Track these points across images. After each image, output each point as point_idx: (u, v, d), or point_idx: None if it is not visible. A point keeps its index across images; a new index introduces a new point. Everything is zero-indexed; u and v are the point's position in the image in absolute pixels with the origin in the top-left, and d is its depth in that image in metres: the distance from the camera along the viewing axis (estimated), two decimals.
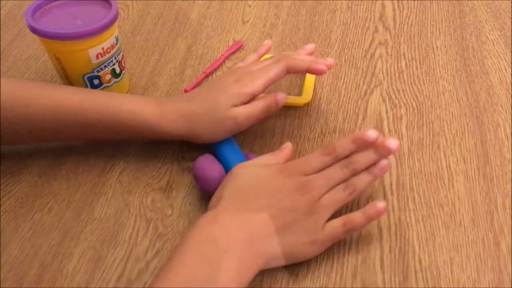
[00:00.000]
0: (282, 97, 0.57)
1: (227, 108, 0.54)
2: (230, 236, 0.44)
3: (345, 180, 0.49)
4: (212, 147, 0.57)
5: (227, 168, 0.54)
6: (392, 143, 0.49)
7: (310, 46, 0.64)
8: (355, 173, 0.49)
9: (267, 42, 0.65)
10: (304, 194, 0.48)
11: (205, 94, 0.56)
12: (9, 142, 0.57)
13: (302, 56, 0.60)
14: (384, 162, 0.49)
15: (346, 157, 0.50)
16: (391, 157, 0.54)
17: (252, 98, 0.56)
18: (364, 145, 0.49)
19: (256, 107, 0.56)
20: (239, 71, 0.58)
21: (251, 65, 0.59)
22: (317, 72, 0.57)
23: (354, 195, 0.49)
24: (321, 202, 0.48)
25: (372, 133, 0.49)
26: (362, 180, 0.49)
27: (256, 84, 0.56)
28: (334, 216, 0.48)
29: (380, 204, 0.48)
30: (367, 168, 0.49)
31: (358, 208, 0.53)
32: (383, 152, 0.49)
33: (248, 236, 0.45)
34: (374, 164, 0.49)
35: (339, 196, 0.48)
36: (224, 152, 0.56)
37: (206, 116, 0.55)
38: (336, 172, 0.49)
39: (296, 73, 0.59)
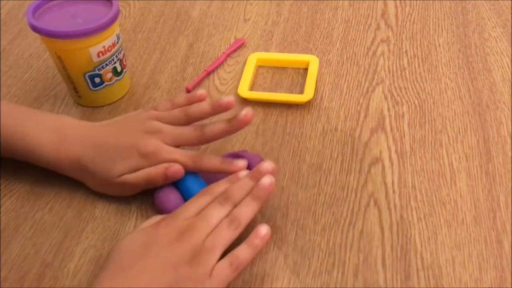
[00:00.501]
0: (175, 170, 0.51)
1: (117, 176, 0.52)
2: None
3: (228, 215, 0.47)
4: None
5: (186, 196, 0.52)
6: (267, 167, 0.48)
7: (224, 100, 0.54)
8: (236, 204, 0.47)
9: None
10: (185, 241, 0.44)
11: (106, 151, 0.53)
12: None
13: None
14: (265, 181, 0.47)
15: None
16: (271, 170, 0.49)
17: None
18: (236, 177, 0.50)
19: (140, 176, 0.52)
20: (148, 143, 0.53)
21: (165, 117, 0.55)
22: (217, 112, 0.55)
23: (241, 228, 0.46)
24: (206, 246, 0.44)
25: (240, 163, 0.51)
26: (246, 209, 0.46)
27: (158, 169, 0.52)
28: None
29: (263, 230, 0.46)
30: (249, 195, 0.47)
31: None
32: (258, 176, 0.47)
33: None
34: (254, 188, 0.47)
35: (224, 234, 0.45)
36: (183, 180, 0.53)
37: (97, 176, 0.53)
38: (215, 208, 0.47)
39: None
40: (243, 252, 0.45)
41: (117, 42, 0.62)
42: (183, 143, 0.54)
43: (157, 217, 0.48)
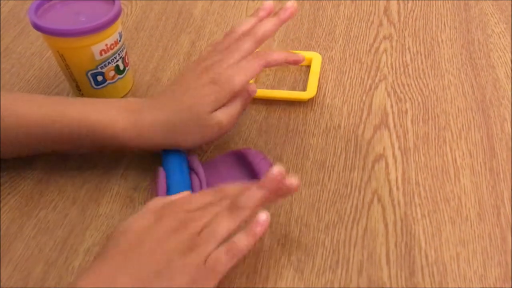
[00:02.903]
0: (254, 88, 0.55)
1: (208, 116, 0.52)
2: None
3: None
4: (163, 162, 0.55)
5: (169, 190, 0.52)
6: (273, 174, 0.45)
7: (268, 4, 0.58)
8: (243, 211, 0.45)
9: (269, 3, 0.59)
10: (182, 232, 0.43)
11: (179, 100, 0.53)
12: None
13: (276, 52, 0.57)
14: (262, 217, 0.44)
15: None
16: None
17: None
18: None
19: (235, 108, 0.54)
20: (214, 66, 0.54)
21: (227, 54, 0.54)
22: (294, 63, 0.58)
23: (241, 219, 0.44)
24: (202, 235, 0.43)
25: (277, 169, 0.45)
26: (249, 197, 0.44)
27: (234, 86, 0.53)
28: None
29: (262, 217, 0.44)
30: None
31: None
32: (267, 185, 0.45)
33: None
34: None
35: (221, 224, 0.44)
36: (169, 174, 0.54)
37: (186, 126, 0.53)
38: (219, 206, 0.46)
39: (274, 66, 0.58)
40: (240, 239, 0.44)
41: (120, 40, 0.62)
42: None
43: (161, 200, 0.48)
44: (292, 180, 0.46)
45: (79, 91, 0.64)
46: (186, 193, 0.50)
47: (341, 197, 0.54)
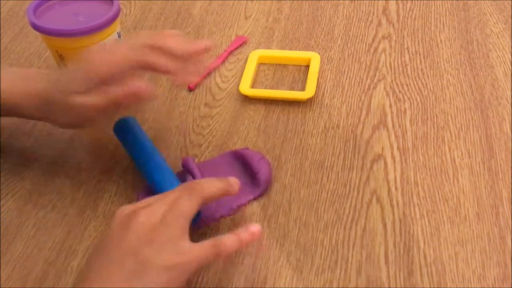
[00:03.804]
0: (137, 87, 0.49)
1: (71, 95, 0.49)
2: None
3: None
4: (141, 169, 0.55)
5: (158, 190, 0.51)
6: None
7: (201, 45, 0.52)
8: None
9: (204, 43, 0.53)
10: (137, 221, 0.42)
11: (65, 73, 0.52)
12: None
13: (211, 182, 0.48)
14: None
15: None
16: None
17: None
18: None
19: (96, 99, 0.49)
20: (94, 53, 0.51)
21: (111, 50, 0.51)
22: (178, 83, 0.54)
23: (202, 196, 0.44)
24: (166, 219, 0.42)
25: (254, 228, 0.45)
26: (207, 183, 0.45)
27: (102, 75, 0.49)
28: None
29: (255, 228, 0.44)
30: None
31: None
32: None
33: None
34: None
35: (183, 203, 0.43)
36: (153, 174, 0.53)
37: (58, 99, 0.50)
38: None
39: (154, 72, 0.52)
40: (228, 238, 0.43)
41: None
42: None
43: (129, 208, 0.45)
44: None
45: None
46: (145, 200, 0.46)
47: (340, 197, 0.54)
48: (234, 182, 0.47)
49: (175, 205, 0.43)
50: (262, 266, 0.49)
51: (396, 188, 0.54)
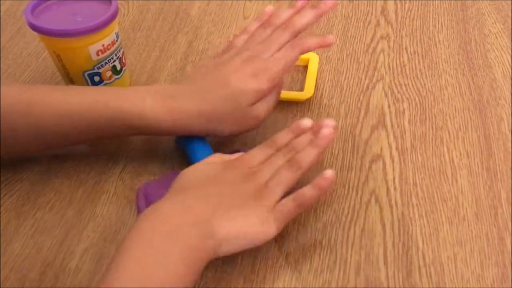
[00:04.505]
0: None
1: (249, 108, 0.53)
2: (171, 224, 0.43)
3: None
4: (182, 145, 0.57)
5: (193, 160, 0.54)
6: (328, 123, 0.50)
7: (301, 2, 0.59)
8: None
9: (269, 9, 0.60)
10: (249, 182, 0.47)
11: (221, 90, 0.53)
12: (13, 151, 0.55)
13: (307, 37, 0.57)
14: (325, 131, 0.49)
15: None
16: (331, 126, 0.50)
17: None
18: (301, 132, 0.51)
19: (272, 100, 0.55)
20: (254, 58, 0.54)
21: (266, 46, 0.56)
22: (328, 46, 0.58)
23: (301, 171, 0.48)
24: (268, 185, 0.47)
25: (307, 121, 0.51)
26: (306, 154, 0.48)
27: (274, 79, 0.54)
28: None
29: (328, 172, 0.47)
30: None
31: None
32: (319, 130, 0.50)
33: (191, 221, 0.43)
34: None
35: (285, 175, 0.48)
36: (195, 150, 0.55)
37: (228, 115, 0.53)
38: (279, 158, 0.49)
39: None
40: (308, 191, 0.47)
41: (116, 40, 0.62)
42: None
43: (221, 156, 0.51)
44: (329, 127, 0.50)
45: None
46: (241, 153, 0.52)
47: (339, 197, 0.54)
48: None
49: (278, 174, 0.48)
50: (261, 267, 0.49)
51: (395, 188, 0.54)
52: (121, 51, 0.64)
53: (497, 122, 0.61)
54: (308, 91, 0.64)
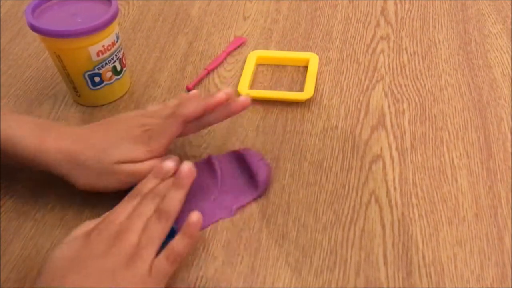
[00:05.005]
0: (168, 168, 0.50)
1: (112, 163, 0.50)
2: None
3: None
4: None
5: None
6: (185, 167, 0.48)
7: (219, 96, 0.53)
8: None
9: (222, 94, 0.53)
10: (119, 246, 0.44)
11: (98, 140, 0.51)
12: None
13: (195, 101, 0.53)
14: (184, 167, 0.48)
15: None
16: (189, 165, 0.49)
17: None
18: (164, 176, 0.49)
19: (140, 168, 0.51)
20: (141, 126, 0.53)
21: (153, 115, 0.54)
22: (215, 105, 0.53)
23: (171, 219, 0.46)
24: (140, 245, 0.44)
25: (169, 163, 0.50)
26: (171, 199, 0.47)
27: (151, 146, 0.51)
28: None
29: (193, 217, 0.45)
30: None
31: None
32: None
33: None
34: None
35: (155, 229, 0.45)
36: None
37: (88, 164, 0.50)
38: (147, 206, 0.47)
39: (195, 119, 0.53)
40: (177, 243, 0.45)
41: (117, 41, 0.62)
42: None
43: (89, 224, 0.47)
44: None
45: (76, 92, 0.64)
46: (106, 214, 0.48)
47: (339, 197, 0.54)
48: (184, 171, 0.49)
49: (148, 230, 0.45)
50: (261, 267, 0.49)
51: (394, 189, 0.54)
52: (122, 52, 0.64)
53: (497, 122, 0.61)
54: (308, 92, 0.64)
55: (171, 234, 0.46)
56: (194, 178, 0.49)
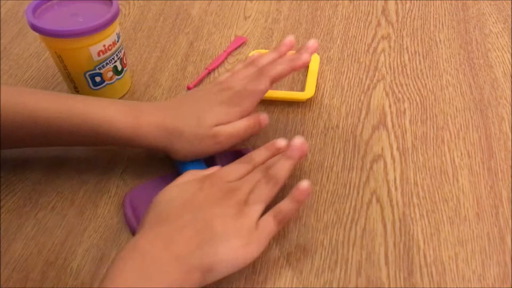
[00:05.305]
0: (265, 118, 0.56)
1: (210, 127, 0.53)
2: (154, 261, 0.42)
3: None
4: (177, 167, 0.56)
5: None
6: (297, 141, 0.50)
7: (288, 40, 0.59)
8: None
9: (290, 39, 0.59)
10: (229, 199, 0.47)
11: (188, 108, 0.54)
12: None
13: (279, 59, 0.57)
14: (297, 141, 0.50)
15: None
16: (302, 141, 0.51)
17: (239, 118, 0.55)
18: (276, 151, 0.51)
19: (238, 127, 0.54)
20: (225, 90, 0.55)
21: (237, 79, 0.57)
22: (302, 67, 0.56)
23: (279, 186, 0.48)
24: (248, 202, 0.47)
25: (282, 141, 0.52)
26: (280, 166, 0.49)
27: (243, 106, 0.55)
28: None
29: (304, 184, 0.48)
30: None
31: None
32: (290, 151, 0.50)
33: (174, 256, 0.42)
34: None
35: (263, 191, 0.48)
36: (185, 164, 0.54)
37: (187, 132, 0.53)
38: (256, 174, 0.49)
39: (281, 78, 0.56)
40: (286, 206, 0.47)
41: (117, 41, 0.62)
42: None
43: (196, 173, 0.50)
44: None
45: (77, 92, 0.64)
46: (218, 167, 0.51)
47: (340, 197, 0.54)
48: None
49: (257, 190, 0.48)
50: (262, 266, 0.49)
51: (396, 188, 0.54)
52: (122, 52, 0.64)
53: (498, 121, 0.61)
54: (309, 91, 0.64)
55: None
56: (304, 154, 0.51)
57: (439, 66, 0.68)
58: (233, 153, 0.57)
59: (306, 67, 0.55)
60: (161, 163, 0.58)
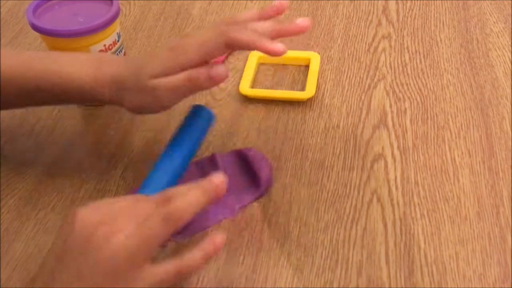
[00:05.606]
0: (218, 72, 0.48)
1: (149, 78, 0.48)
2: None
3: None
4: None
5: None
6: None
7: (278, 3, 0.52)
8: None
9: (280, 2, 0.52)
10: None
11: (141, 58, 0.52)
12: None
13: (254, 27, 0.49)
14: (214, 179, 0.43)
15: None
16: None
17: (183, 71, 0.48)
18: (213, 191, 0.43)
19: (177, 79, 0.48)
20: (175, 40, 0.50)
21: (192, 34, 0.50)
22: (266, 53, 0.48)
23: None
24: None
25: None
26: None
27: (188, 57, 0.48)
28: None
29: (218, 238, 0.42)
30: None
31: None
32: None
33: None
34: None
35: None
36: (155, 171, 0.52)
37: (129, 83, 0.50)
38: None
39: (240, 49, 0.50)
40: (193, 257, 0.41)
41: (118, 41, 0.62)
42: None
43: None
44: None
45: None
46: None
47: (340, 197, 0.54)
48: (219, 184, 0.42)
49: (143, 227, 0.40)
50: (262, 266, 0.49)
51: (396, 188, 0.54)
52: (123, 51, 0.64)
53: (499, 121, 0.61)
54: (309, 91, 0.64)
55: None
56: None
57: (439, 66, 0.68)
58: (234, 153, 0.57)
59: (272, 55, 0.48)
60: None
